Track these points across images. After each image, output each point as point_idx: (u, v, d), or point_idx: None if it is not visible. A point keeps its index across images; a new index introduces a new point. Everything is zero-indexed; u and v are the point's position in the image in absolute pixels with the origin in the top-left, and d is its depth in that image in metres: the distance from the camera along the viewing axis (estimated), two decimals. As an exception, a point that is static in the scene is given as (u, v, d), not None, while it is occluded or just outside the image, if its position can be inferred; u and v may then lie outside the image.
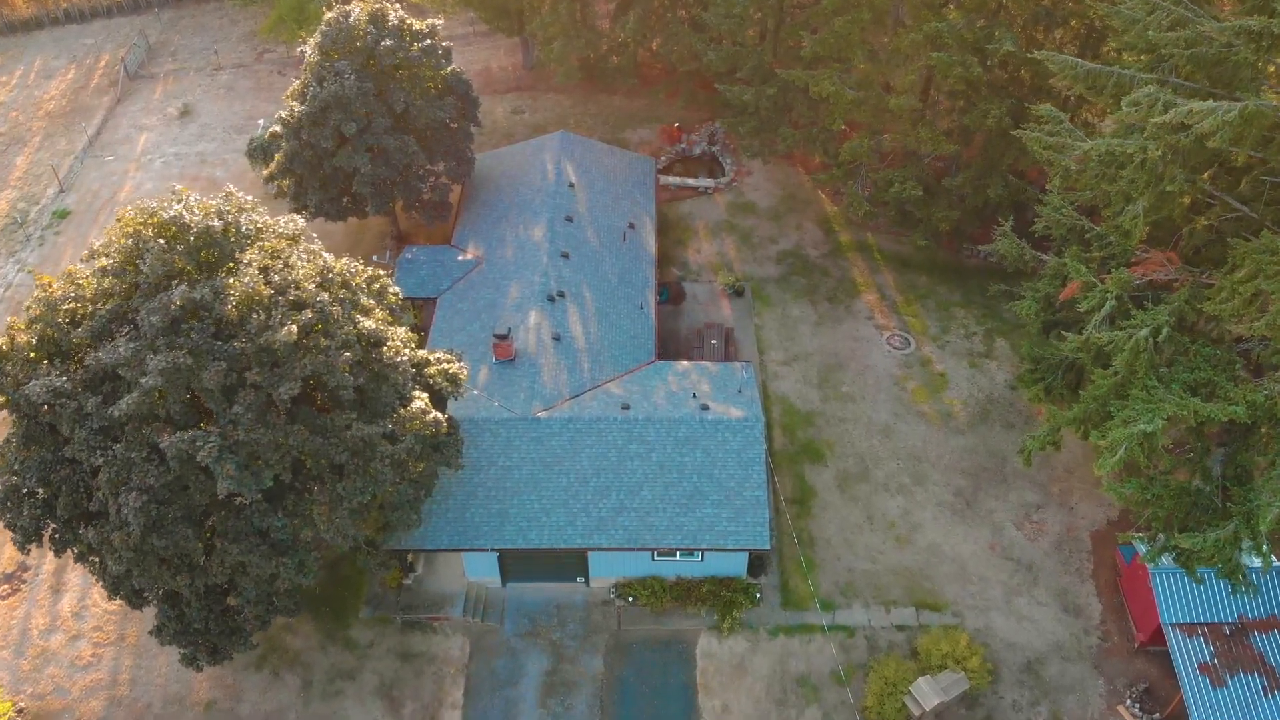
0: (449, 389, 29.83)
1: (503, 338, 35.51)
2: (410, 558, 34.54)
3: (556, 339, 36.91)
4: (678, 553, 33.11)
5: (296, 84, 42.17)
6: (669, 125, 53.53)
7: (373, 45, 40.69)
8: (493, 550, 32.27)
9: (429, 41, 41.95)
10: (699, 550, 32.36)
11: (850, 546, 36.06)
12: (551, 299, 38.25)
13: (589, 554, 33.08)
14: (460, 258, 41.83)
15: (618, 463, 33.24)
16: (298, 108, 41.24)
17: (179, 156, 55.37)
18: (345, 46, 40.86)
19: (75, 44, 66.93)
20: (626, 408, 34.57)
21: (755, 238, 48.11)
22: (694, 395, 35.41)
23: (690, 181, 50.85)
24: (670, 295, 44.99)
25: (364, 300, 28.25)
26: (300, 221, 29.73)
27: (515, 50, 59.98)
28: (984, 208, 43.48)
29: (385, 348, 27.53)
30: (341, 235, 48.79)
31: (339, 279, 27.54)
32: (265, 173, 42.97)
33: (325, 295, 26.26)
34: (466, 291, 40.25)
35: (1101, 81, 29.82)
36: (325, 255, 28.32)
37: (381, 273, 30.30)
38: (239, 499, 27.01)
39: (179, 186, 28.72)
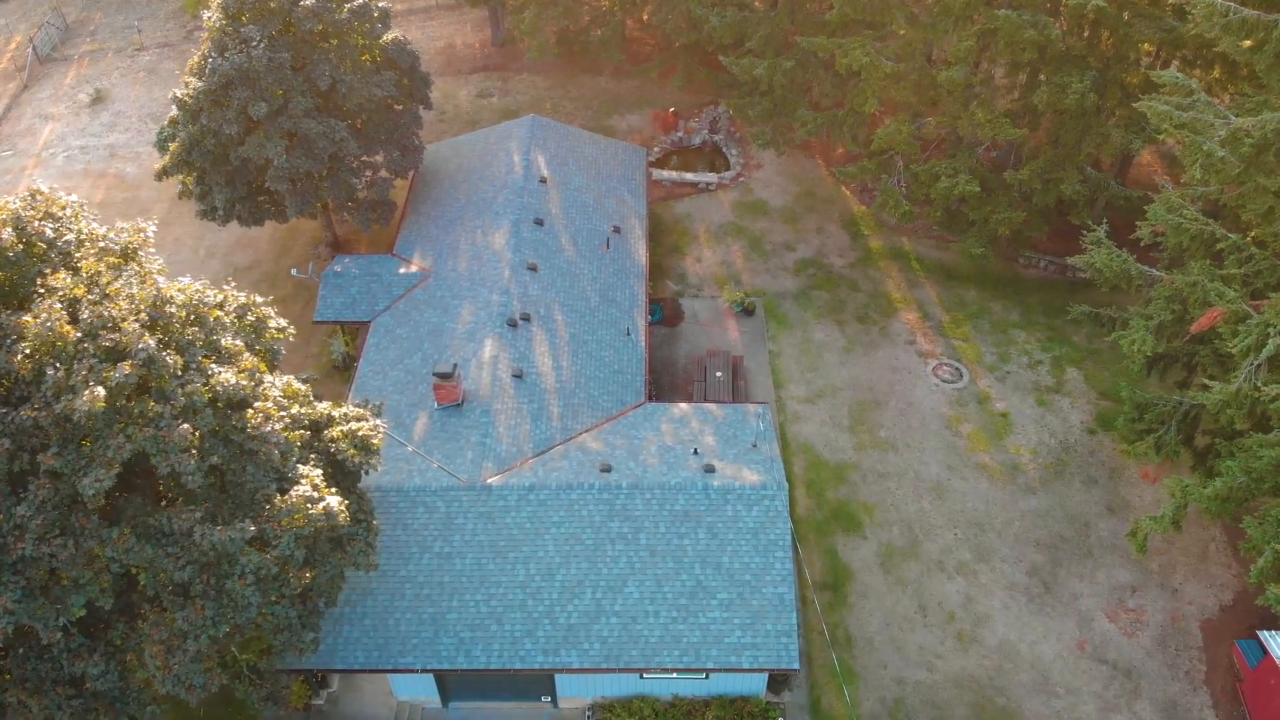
0: (357, 459, 21.48)
1: (446, 376, 27.21)
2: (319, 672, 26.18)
3: (518, 376, 28.62)
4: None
5: (195, 56, 33.80)
6: (663, 110, 45.21)
7: (290, 6, 32.41)
8: (424, 671, 23.90)
9: (361, 2, 33.60)
10: (703, 670, 24.00)
11: (899, 648, 27.75)
12: (513, 324, 29.95)
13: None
14: (402, 270, 33.47)
15: (594, 548, 24.94)
16: (195, 84, 32.94)
17: (85, 150, 46.97)
18: (256, 8, 32.55)
19: (-15, 23, 58.49)
20: (607, 469, 26.29)
21: (767, 244, 39.84)
22: (695, 451, 27.14)
23: (689, 176, 42.58)
24: (664, 315, 36.71)
25: (226, 343, 19.87)
26: (149, 229, 21.36)
27: (483, 24, 51.62)
28: (1051, 208, 35.21)
29: (250, 411, 19.14)
30: (266, 244, 40.48)
31: (184, 313, 19.16)
32: (157, 167, 34.60)
33: (151, 340, 17.84)
34: (407, 313, 31.90)
35: (1261, 32, 21.52)
36: (162, 280, 19.89)
37: (258, 299, 21.93)
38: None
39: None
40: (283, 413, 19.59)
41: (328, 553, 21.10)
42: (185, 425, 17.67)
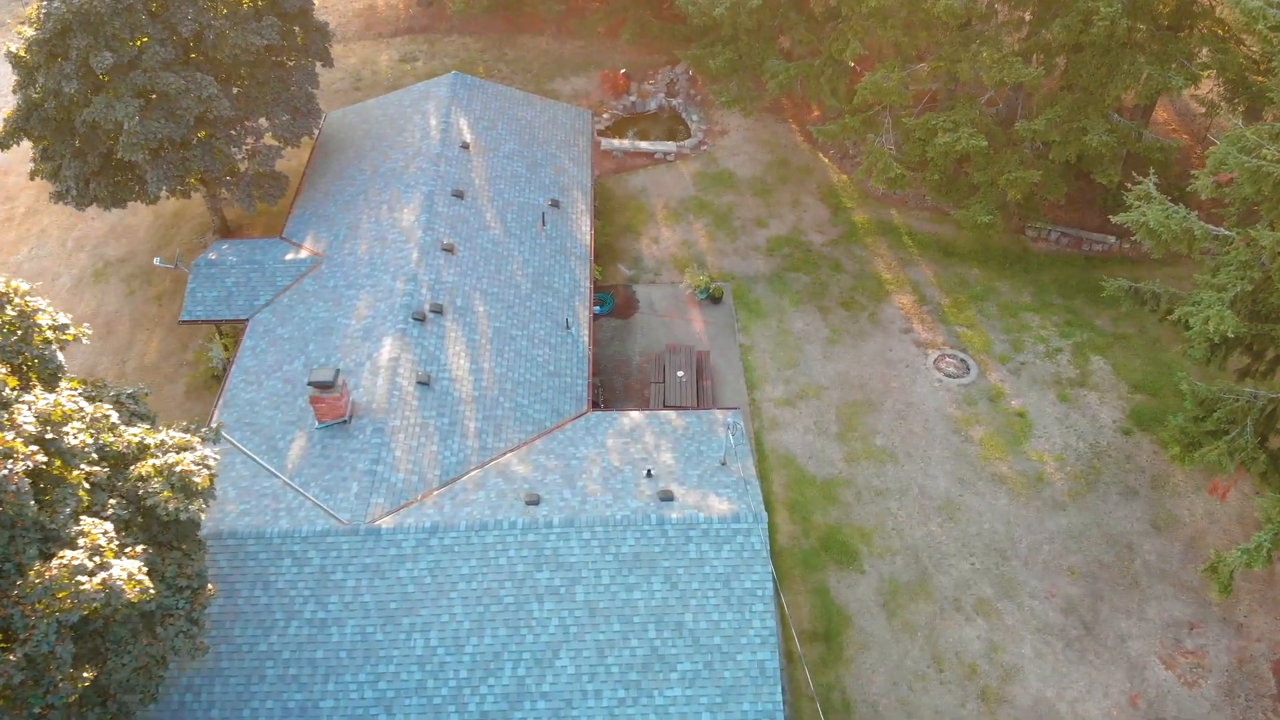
0: (172, 505, 15.49)
1: (325, 386, 21.23)
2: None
3: (424, 383, 22.71)
4: (625, 761, 18.94)
5: (33, 3, 27.60)
6: (613, 71, 39.42)
7: (142, -67, 26.34)
8: (288, 782, 17.98)
9: (233, -72, 27.59)
10: (661, 766, 18.22)
11: (910, 714, 22.08)
12: (420, 317, 24.04)
13: (469, 769, 18.85)
14: (289, 256, 27.45)
15: (516, 608, 19.06)
16: (29, 34, 26.77)
17: (-56, 130, 40.40)
18: (101, -63, 26.38)
19: None
20: (534, 502, 20.45)
21: (736, 220, 34.12)
22: (649, 473, 21.37)
23: (644, 145, 36.81)
24: (615, 305, 30.90)
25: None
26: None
27: (408, -19, 45.56)
28: (1070, 165, 29.71)
29: (-21, 448, 13.11)
30: (145, 232, 34.24)
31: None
32: (-14, 138, 28.36)
33: None
34: (292, 308, 25.89)
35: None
36: None
37: (23, 286, 15.87)
38: None
39: None
40: (32, 447, 13.49)
41: (127, 638, 15.10)
42: None
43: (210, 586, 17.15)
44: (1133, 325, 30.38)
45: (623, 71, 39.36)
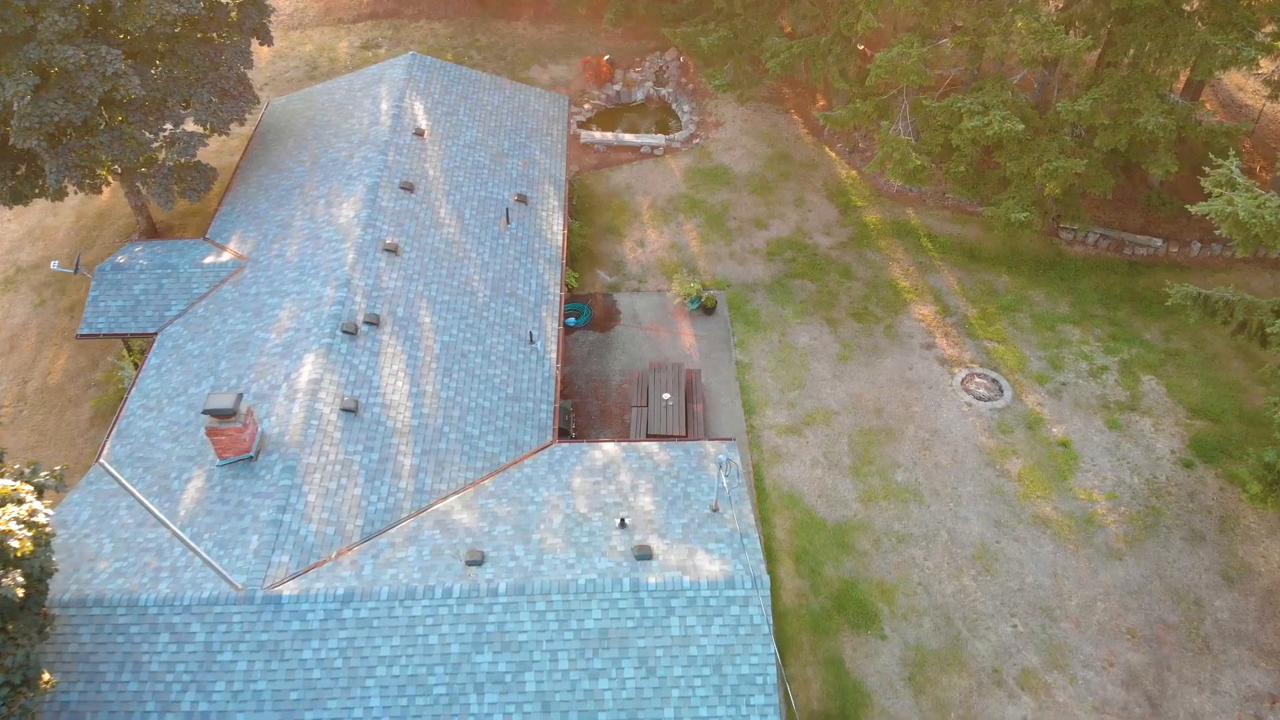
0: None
1: (226, 415, 17.21)
2: None
3: (349, 411, 18.73)
4: None
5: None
6: (595, 58, 35.55)
7: (36, -119, 22.47)
8: None
9: (146, -123, 23.68)
10: None
11: (945, 818, 18.05)
12: (351, 330, 20.08)
13: None
14: (209, 259, 23.50)
15: (449, 700, 15.03)
16: (-97, -2, 22.88)
17: None
18: (-11, -114, 22.55)
19: None
20: (477, 561, 16.45)
21: (732, 220, 30.19)
22: (622, 522, 17.38)
23: (629, 138, 32.91)
24: (593, 316, 26.95)
25: None
26: None
27: (373, -37, 41.73)
28: (1120, 153, 25.81)
29: None
30: (65, 235, 30.28)
31: None
32: None
33: None
34: (206, 320, 21.91)
35: None
36: None
37: None
38: None
39: None
40: None
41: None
42: None
43: (45, 677, 13.16)
44: (1186, 339, 26.48)
45: (606, 58, 35.49)
